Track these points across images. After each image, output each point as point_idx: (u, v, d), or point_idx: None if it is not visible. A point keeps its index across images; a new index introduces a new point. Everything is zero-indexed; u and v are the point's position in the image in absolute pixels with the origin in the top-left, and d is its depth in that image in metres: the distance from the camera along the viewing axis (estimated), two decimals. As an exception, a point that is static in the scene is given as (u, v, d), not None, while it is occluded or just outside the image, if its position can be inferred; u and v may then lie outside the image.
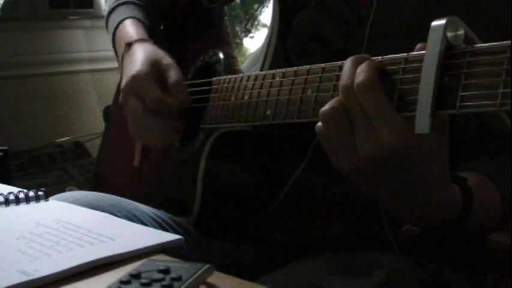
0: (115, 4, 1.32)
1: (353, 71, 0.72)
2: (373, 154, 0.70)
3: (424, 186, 0.74)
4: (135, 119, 1.12)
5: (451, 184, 0.78)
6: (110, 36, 1.30)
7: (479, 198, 0.80)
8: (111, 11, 1.31)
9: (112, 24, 1.29)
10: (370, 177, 0.75)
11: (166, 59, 1.14)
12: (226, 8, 1.18)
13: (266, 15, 1.08)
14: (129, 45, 1.19)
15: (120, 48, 1.23)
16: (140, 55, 1.14)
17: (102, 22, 1.39)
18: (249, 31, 1.11)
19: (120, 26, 1.26)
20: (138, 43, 1.18)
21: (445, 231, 0.81)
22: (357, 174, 0.75)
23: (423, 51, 0.68)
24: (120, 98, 1.14)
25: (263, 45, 1.04)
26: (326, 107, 0.73)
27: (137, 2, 1.31)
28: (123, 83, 1.12)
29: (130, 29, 1.23)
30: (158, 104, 1.09)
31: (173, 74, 1.11)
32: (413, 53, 0.71)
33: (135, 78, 1.10)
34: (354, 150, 0.72)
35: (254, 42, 1.09)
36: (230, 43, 1.15)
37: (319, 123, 0.74)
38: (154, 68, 1.11)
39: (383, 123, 0.69)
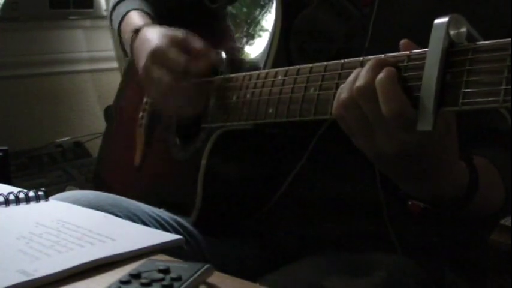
0: None
1: (374, 74, 0.72)
2: (393, 147, 0.73)
3: (438, 171, 0.78)
4: (162, 90, 1.06)
5: (459, 162, 0.80)
6: (116, 30, 1.27)
7: (484, 176, 0.83)
8: (116, 5, 1.30)
9: (117, 17, 1.26)
10: (387, 162, 0.78)
11: (183, 31, 1.08)
12: (230, 7, 1.17)
13: (268, 20, 1.08)
14: (136, 31, 1.15)
15: (126, 37, 1.20)
16: (153, 34, 1.09)
17: (102, 22, 1.39)
18: (251, 36, 1.11)
19: (126, 18, 1.23)
20: (146, 27, 1.14)
21: (452, 207, 0.83)
22: (375, 158, 0.78)
23: (426, 49, 0.68)
24: (142, 74, 1.08)
25: (265, 46, 1.04)
26: (343, 96, 0.74)
27: None
28: (142, 61, 1.07)
29: (137, 18, 1.20)
30: (187, 67, 1.03)
31: (195, 40, 1.06)
32: (415, 50, 0.71)
33: (156, 51, 1.05)
34: (372, 139, 0.74)
35: (255, 47, 1.09)
36: (233, 36, 1.14)
37: (335, 109, 0.76)
38: (173, 40, 1.06)
39: (403, 116, 0.71)
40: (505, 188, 0.90)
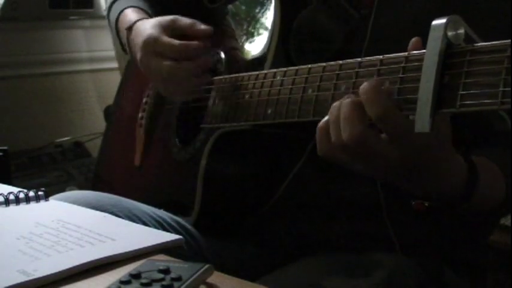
0: None
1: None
2: (392, 165, 0.75)
3: (435, 171, 0.78)
4: (163, 77, 1.07)
5: (458, 157, 0.81)
6: (113, 29, 1.28)
7: (483, 175, 0.83)
8: (112, 4, 1.30)
9: (114, 15, 1.27)
10: (390, 177, 0.80)
11: (173, 18, 1.09)
12: (230, 6, 1.18)
13: (268, 18, 1.08)
14: (129, 28, 1.16)
15: (123, 36, 1.20)
16: (144, 26, 1.10)
17: (102, 22, 1.39)
18: (251, 34, 1.11)
19: (122, 15, 1.24)
20: (140, 21, 1.15)
21: (453, 204, 0.83)
22: (379, 176, 0.81)
23: (423, 50, 0.68)
24: (141, 65, 1.09)
25: (264, 46, 1.04)
26: (348, 134, 0.73)
27: None
28: (138, 54, 1.09)
29: (131, 15, 1.21)
30: (181, 50, 1.04)
31: (185, 21, 1.07)
32: (413, 52, 0.71)
33: (148, 42, 1.06)
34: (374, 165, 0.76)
35: (255, 45, 1.09)
36: (234, 36, 1.14)
37: (322, 150, 0.77)
38: (166, 27, 1.07)
39: (399, 136, 0.72)
40: (505, 185, 0.89)
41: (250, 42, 1.10)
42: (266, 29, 1.06)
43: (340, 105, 0.75)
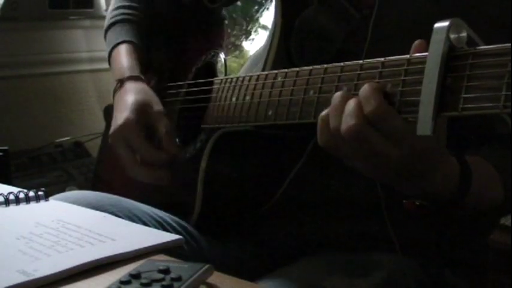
0: (112, 21, 1.32)
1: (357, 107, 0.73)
2: (391, 166, 0.74)
3: (430, 172, 0.78)
4: (125, 166, 1.11)
5: (451, 159, 0.81)
6: (107, 54, 1.30)
7: (478, 176, 0.83)
8: (108, 28, 1.32)
9: (108, 45, 1.29)
10: (387, 178, 0.79)
11: (156, 105, 1.12)
12: (224, 11, 1.18)
13: (266, 17, 1.08)
14: (120, 81, 1.18)
15: (113, 75, 1.24)
16: (130, 99, 1.12)
17: (102, 22, 1.39)
18: (249, 33, 1.11)
19: (115, 51, 1.26)
20: (129, 81, 1.17)
21: (447, 204, 0.83)
22: (377, 176, 0.80)
23: (426, 53, 0.68)
24: (110, 142, 1.12)
25: (265, 46, 1.04)
26: (346, 126, 0.73)
27: (133, 18, 1.31)
28: (111, 129, 1.11)
29: (124, 58, 1.23)
30: (147, 156, 1.07)
31: (162, 125, 1.10)
32: (416, 54, 0.71)
33: (124, 127, 1.08)
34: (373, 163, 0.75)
35: (254, 44, 1.09)
36: (222, 46, 1.15)
37: (322, 140, 0.77)
38: (143, 115, 1.10)
39: (399, 137, 0.72)
40: (503, 186, 0.89)
41: (250, 41, 1.10)
42: (264, 28, 1.06)
43: (342, 96, 0.75)
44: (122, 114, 1.10)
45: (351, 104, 0.73)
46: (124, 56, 1.24)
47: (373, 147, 0.73)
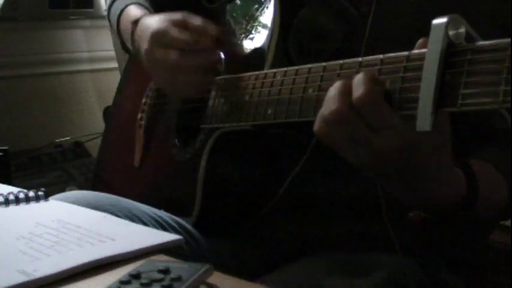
0: None
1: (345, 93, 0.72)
2: (376, 156, 0.72)
3: (430, 177, 0.76)
4: (168, 69, 1.04)
5: (455, 170, 0.80)
6: (114, 26, 1.27)
7: (484, 184, 0.82)
8: (112, 3, 1.30)
9: (115, 14, 1.26)
10: (377, 172, 0.77)
11: (181, 12, 1.06)
12: (228, 6, 1.17)
13: (266, 15, 1.08)
14: (135, 22, 1.14)
15: (126, 32, 1.19)
16: (152, 20, 1.07)
17: (102, 22, 1.40)
18: (249, 32, 1.11)
19: (124, 13, 1.23)
20: (145, 16, 1.13)
21: (452, 217, 0.82)
22: (363, 168, 0.77)
23: (424, 50, 0.68)
24: (146, 58, 1.07)
25: (264, 44, 1.04)
26: (328, 110, 0.73)
27: None
28: (145, 45, 1.06)
29: (135, 11, 1.20)
30: (191, 43, 1.01)
31: (194, 18, 1.04)
32: (414, 51, 0.71)
33: (157, 33, 1.04)
34: (355, 152, 0.74)
35: (254, 43, 1.09)
36: (234, 36, 1.12)
37: (318, 125, 0.75)
38: (173, 21, 1.04)
39: (384, 127, 0.71)
40: (508, 189, 0.88)
41: (250, 40, 1.10)
42: (265, 26, 1.06)
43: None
44: (150, 30, 1.04)
45: (338, 85, 0.73)
46: (135, 10, 1.20)
47: (356, 134, 0.72)
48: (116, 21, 1.25)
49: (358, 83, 0.71)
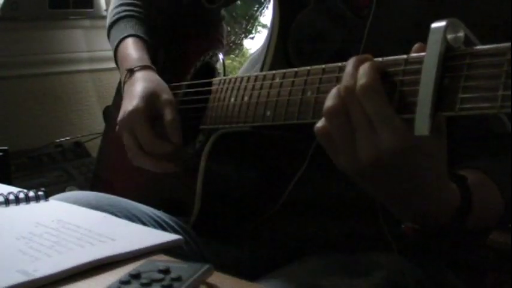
0: (115, 18, 1.31)
1: (355, 72, 0.72)
2: (373, 157, 0.71)
3: (423, 187, 0.75)
4: (129, 154, 1.12)
5: (450, 183, 0.78)
6: (112, 48, 1.29)
7: (479, 196, 0.81)
8: (112, 24, 1.31)
9: (113, 41, 1.29)
10: (369, 178, 0.75)
11: (165, 95, 1.12)
12: (223, 11, 1.18)
13: (266, 16, 1.08)
14: (130, 71, 1.18)
15: (122, 67, 1.22)
16: (140, 87, 1.12)
17: (102, 22, 1.40)
18: (249, 32, 1.11)
19: (122, 45, 1.26)
20: (140, 71, 1.17)
21: (444, 229, 0.81)
22: (357, 174, 0.75)
23: (423, 53, 0.68)
24: (117, 129, 1.13)
25: (263, 46, 1.04)
26: (329, 104, 0.73)
27: (136, 14, 1.31)
28: (119, 116, 1.12)
29: (132, 50, 1.23)
30: (150, 147, 1.08)
31: (169, 114, 1.09)
32: (413, 54, 0.71)
33: (131, 114, 1.09)
34: (354, 151, 0.72)
35: (254, 43, 1.09)
36: (221, 46, 1.15)
37: (320, 123, 0.74)
38: (151, 104, 1.10)
39: (384, 126, 0.70)
40: (504, 200, 0.87)
41: (251, 39, 1.10)
42: (265, 26, 1.07)
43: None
44: (130, 102, 1.10)
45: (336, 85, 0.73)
46: (132, 48, 1.24)
47: (355, 129, 0.71)
48: (114, 51, 1.29)
49: (363, 71, 0.71)
